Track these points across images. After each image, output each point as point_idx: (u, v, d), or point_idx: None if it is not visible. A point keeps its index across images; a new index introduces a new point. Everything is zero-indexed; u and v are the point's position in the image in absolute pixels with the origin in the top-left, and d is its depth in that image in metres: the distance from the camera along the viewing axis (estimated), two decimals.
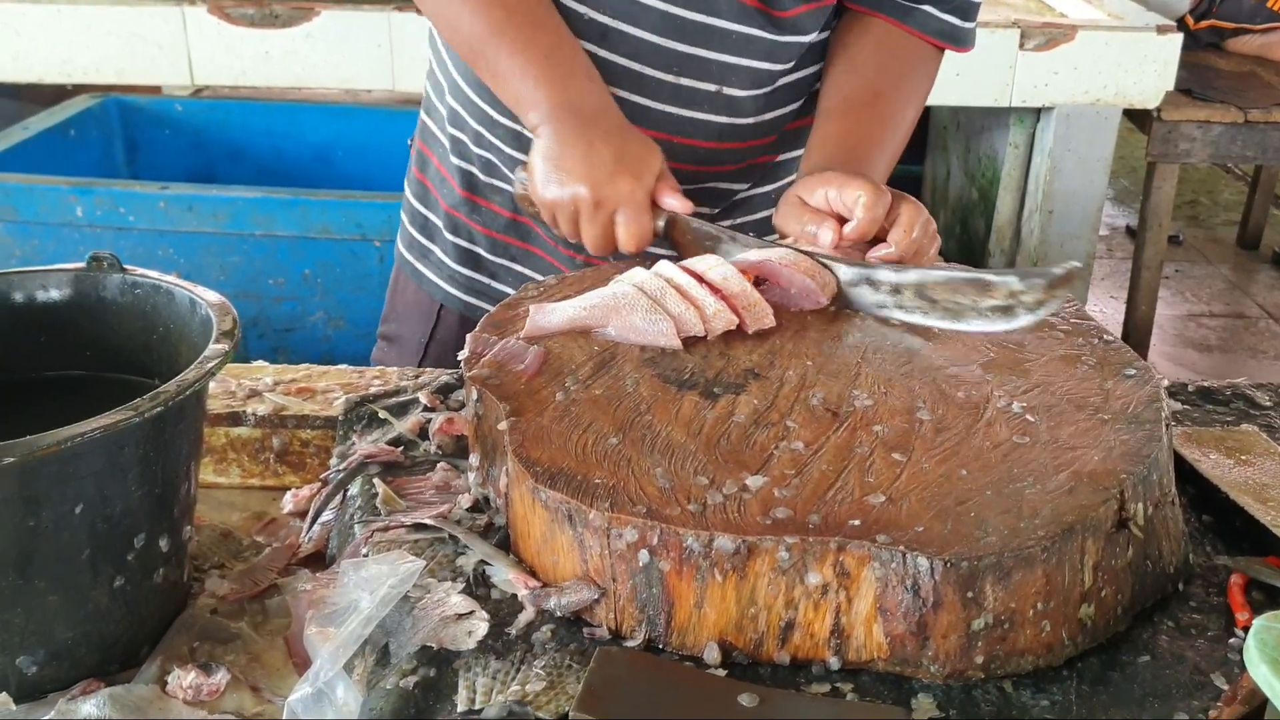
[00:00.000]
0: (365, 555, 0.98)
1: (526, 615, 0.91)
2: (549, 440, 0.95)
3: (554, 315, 1.12)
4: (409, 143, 1.61)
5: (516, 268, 1.46)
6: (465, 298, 1.49)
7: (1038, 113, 3.47)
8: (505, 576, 0.94)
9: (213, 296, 1.04)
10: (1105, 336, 1.13)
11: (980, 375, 1.05)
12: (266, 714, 0.93)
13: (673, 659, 0.87)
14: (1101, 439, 0.96)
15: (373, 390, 1.25)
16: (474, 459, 1.06)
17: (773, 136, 1.42)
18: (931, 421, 0.98)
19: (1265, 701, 0.80)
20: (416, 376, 1.29)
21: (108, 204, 2.81)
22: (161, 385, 0.90)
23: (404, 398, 1.21)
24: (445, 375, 1.27)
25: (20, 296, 1.07)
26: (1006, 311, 1.10)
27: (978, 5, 1.40)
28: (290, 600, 1.03)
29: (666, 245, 1.24)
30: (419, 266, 1.52)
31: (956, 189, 4.11)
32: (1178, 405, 1.24)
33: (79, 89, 3.43)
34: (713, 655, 0.87)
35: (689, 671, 0.85)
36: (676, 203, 1.21)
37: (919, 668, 0.86)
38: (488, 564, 0.96)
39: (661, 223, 1.22)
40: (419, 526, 1.01)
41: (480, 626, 0.89)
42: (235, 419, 1.22)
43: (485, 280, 1.48)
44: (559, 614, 0.90)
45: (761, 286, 1.15)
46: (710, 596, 0.86)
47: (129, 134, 3.46)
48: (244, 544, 1.12)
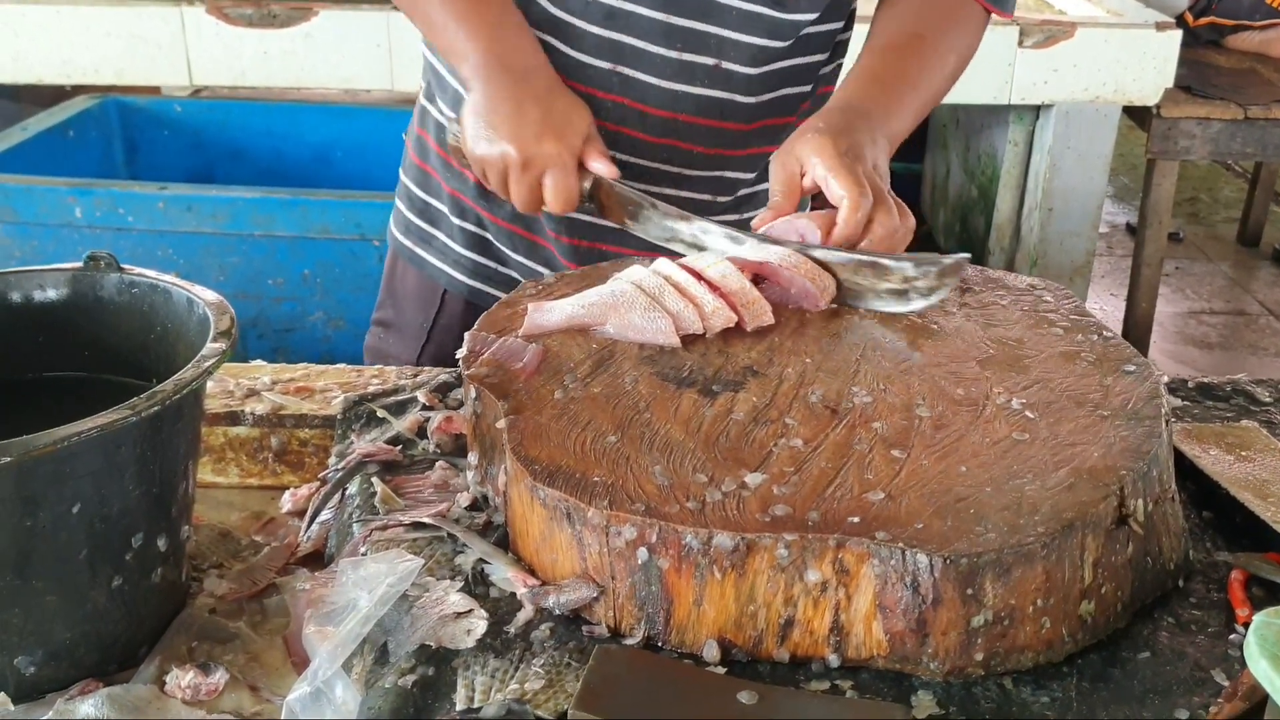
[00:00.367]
0: (364, 554, 0.98)
1: (525, 613, 0.90)
2: (548, 438, 0.95)
3: (552, 313, 1.11)
4: (404, 135, 1.61)
5: (519, 258, 1.47)
6: (471, 282, 1.49)
7: (1037, 110, 3.47)
8: (504, 575, 0.94)
9: (210, 296, 1.04)
10: (1104, 333, 1.13)
11: (979, 372, 1.05)
12: (265, 713, 0.93)
13: (672, 657, 0.87)
14: (1101, 435, 0.96)
15: (371, 389, 1.25)
16: (472, 457, 1.06)
17: (774, 120, 1.42)
18: (931, 418, 0.98)
19: (1266, 698, 0.80)
20: (415, 375, 1.29)
21: (107, 205, 2.81)
22: (159, 385, 0.90)
23: (402, 396, 1.21)
24: (443, 374, 1.26)
25: (18, 296, 1.07)
26: (901, 295, 1.15)
27: None
28: (289, 599, 1.03)
29: (592, 208, 1.26)
30: (420, 252, 1.52)
31: (956, 187, 4.11)
32: (1178, 401, 1.24)
33: (78, 90, 3.43)
34: (712, 653, 0.86)
35: (688, 669, 0.85)
36: (603, 167, 1.22)
37: (919, 665, 0.85)
38: (486, 562, 0.96)
39: (588, 185, 1.23)
40: (417, 525, 1.01)
41: (479, 625, 0.89)
42: (233, 418, 1.22)
43: (493, 265, 1.48)
44: (558, 612, 0.90)
45: (760, 285, 1.15)
46: (709, 594, 0.86)
47: (128, 134, 3.46)
48: (242, 543, 1.12)
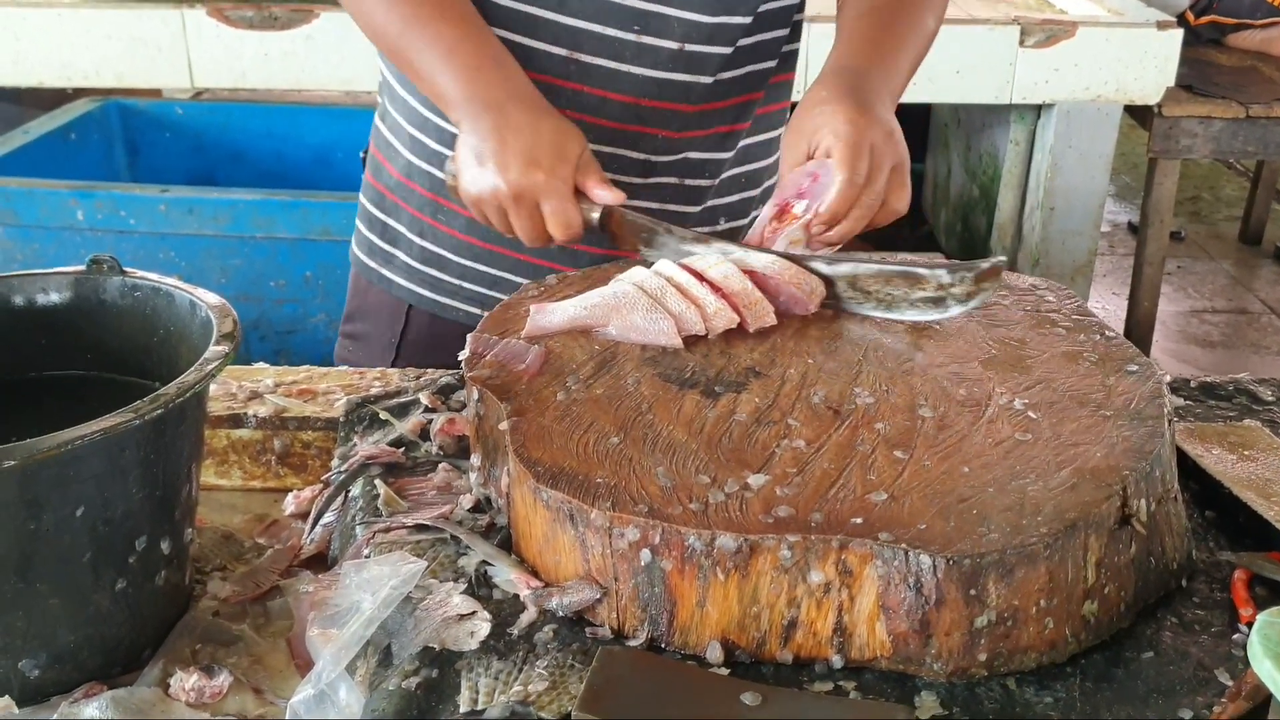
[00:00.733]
0: (367, 556, 0.98)
1: (529, 615, 0.90)
2: (550, 440, 0.95)
3: (554, 315, 1.12)
4: (361, 155, 1.61)
5: (481, 268, 1.45)
6: (436, 297, 1.48)
7: (1038, 109, 3.47)
8: (507, 577, 0.94)
9: (213, 299, 1.04)
10: (1107, 333, 1.13)
11: (982, 372, 1.05)
12: (269, 716, 0.93)
13: (675, 658, 0.87)
14: (1104, 435, 0.96)
15: (374, 391, 1.25)
16: (475, 459, 1.06)
17: (739, 99, 1.42)
18: (933, 419, 0.98)
19: (1269, 697, 0.80)
20: (418, 377, 1.29)
21: (109, 207, 2.81)
22: (162, 388, 0.90)
23: (405, 399, 1.21)
24: (446, 376, 1.26)
25: (20, 299, 1.07)
26: (938, 303, 1.14)
27: None
28: (292, 602, 1.03)
29: (604, 238, 1.24)
30: (384, 272, 1.51)
31: (958, 186, 4.11)
32: (1180, 401, 1.24)
33: (79, 93, 3.43)
34: (715, 654, 0.86)
35: (691, 671, 0.85)
36: (607, 195, 1.20)
37: (922, 666, 0.85)
38: (490, 564, 0.96)
39: (596, 215, 1.21)
40: (420, 527, 1.01)
41: (482, 627, 0.89)
42: (236, 421, 1.22)
43: (455, 281, 1.46)
44: (561, 614, 0.90)
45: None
46: (712, 595, 0.86)
47: (129, 137, 3.46)
48: (246, 546, 1.12)
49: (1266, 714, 0.80)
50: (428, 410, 1.19)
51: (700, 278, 1.13)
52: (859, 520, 0.86)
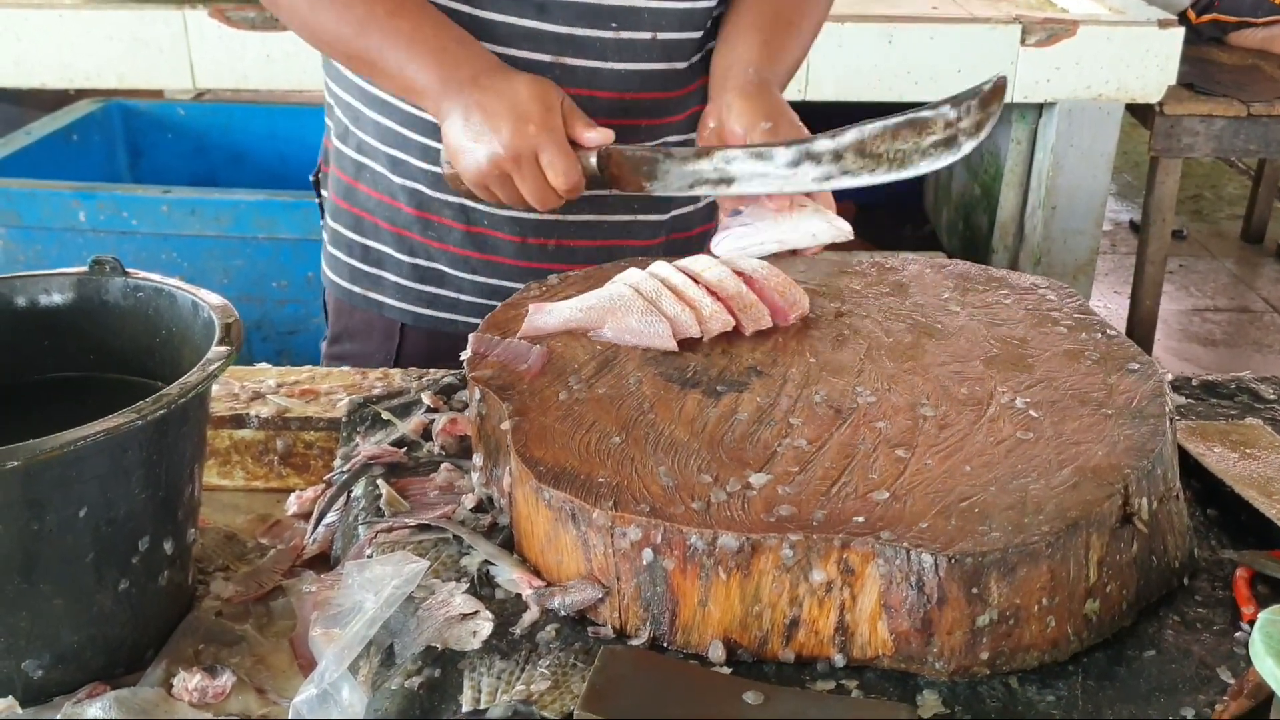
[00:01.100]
0: (369, 556, 0.98)
1: (531, 615, 0.91)
2: (552, 440, 0.95)
3: (551, 316, 1.12)
4: (312, 177, 1.60)
5: (478, 279, 1.45)
6: (432, 313, 1.47)
7: (1040, 108, 3.47)
8: (509, 576, 0.94)
9: (215, 299, 1.04)
10: (1108, 331, 1.13)
11: (983, 371, 1.05)
12: (272, 715, 0.93)
13: (677, 657, 0.87)
14: (1105, 434, 0.96)
15: (376, 392, 1.25)
16: (477, 459, 1.06)
17: (705, 79, 1.42)
18: (935, 418, 0.98)
19: (1271, 695, 0.80)
20: (420, 377, 1.29)
21: (111, 208, 2.81)
22: (164, 388, 0.90)
23: (407, 399, 1.21)
24: (448, 376, 1.27)
25: (23, 301, 1.07)
26: (949, 143, 1.14)
27: None
28: (295, 602, 1.04)
29: (604, 180, 1.22)
30: (371, 295, 1.50)
31: (959, 185, 4.11)
32: (1182, 399, 1.24)
33: (81, 94, 3.43)
34: (717, 653, 0.87)
35: (694, 670, 0.85)
36: (596, 135, 1.20)
37: (924, 664, 0.85)
38: (492, 564, 0.96)
39: (594, 159, 1.20)
40: (423, 527, 1.01)
41: (485, 626, 0.89)
42: (239, 421, 1.23)
43: (452, 295, 1.46)
44: (563, 613, 0.90)
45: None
46: (714, 594, 0.86)
47: (131, 138, 3.46)
48: (248, 546, 1.12)
49: (1268, 712, 0.80)
50: (430, 410, 1.19)
51: (696, 280, 1.13)
52: (861, 519, 0.86)
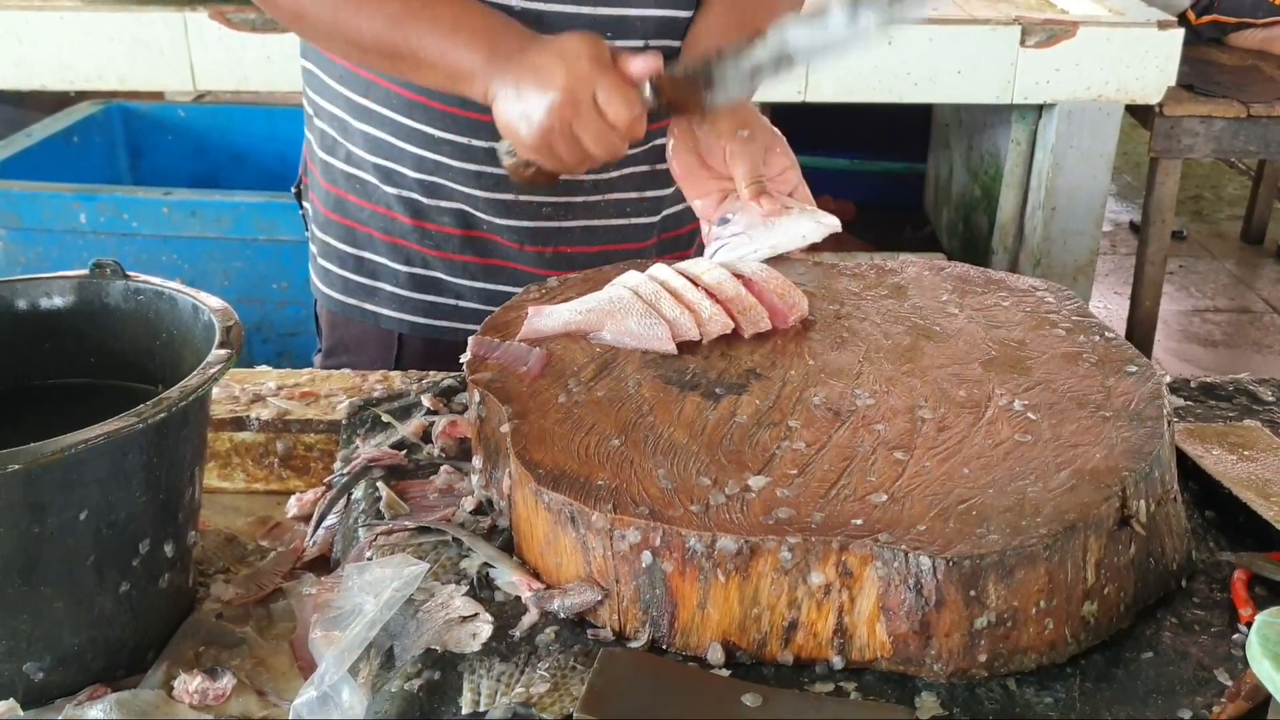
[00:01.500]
0: (369, 559, 0.98)
1: (530, 617, 0.91)
2: (552, 442, 0.96)
3: (550, 318, 1.12)
4: (294, 190, 1.59)
5: (478, 285, 1.45)
6: (431, 322, 1.47)
7: (1040, 109, 3.47)
8: (509, 579, 0.94)
9: (215, 302, 1.04)
10: (1106, 333, 1.13)
11: (981, 374, 1.06)
12: (272, 717, 0.93)
13: (676, 660, 0.87)
14: (1103, 436, 0.96)
15: (376, 394, 1.25)
16: (477, 462, 1.06)
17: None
18: (933, 420, 0.98)
19: (1268, 698, 0.80)
20: (420, 380, 1.29)
21: (111, 210, 2.81)
22: (165, 391, 0.91)
23: (407, 401, 1.22)
24: (448, 378, 1.27)
25: (24, 304, 1.08)
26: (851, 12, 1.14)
27: None
28: (295, 604, 1.04)
29: (665, 108, 1.22)
30: (367, 306, 1.50)
31: (959, 186, 4.11)
32: (1180, 401, 1.24)
33: (81, 95, 3.43)
34: (716, 656, 0.87)
35: (693, 672, 0.86)
36: (642, 64, 1.19)
37: (922, 666, 0.86)
38: (491, 566, 0.96)
39: (648, 92, 1.19)
40: (422, 529, 1.01)
41: (484, 629, 0.90)
42: (239, 424, 1.23)
43: (450, 302, 1.46)
44: (563, 616, 0.91)
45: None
46: (713, 597, 0.86)
47: (132, 140, 3.46)
48: (249, 548, 1.12)
49: (1266, 714, 0.81)
50: (429, 413, 1.19)
51: (695, 283, 1.13)
52: (859, 521, 0.86)
